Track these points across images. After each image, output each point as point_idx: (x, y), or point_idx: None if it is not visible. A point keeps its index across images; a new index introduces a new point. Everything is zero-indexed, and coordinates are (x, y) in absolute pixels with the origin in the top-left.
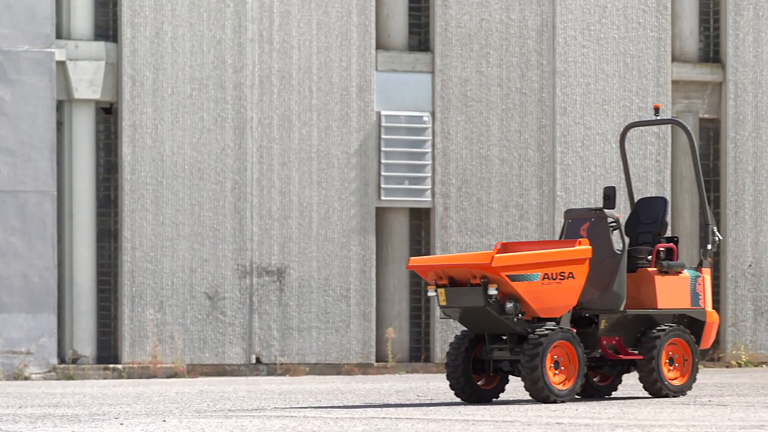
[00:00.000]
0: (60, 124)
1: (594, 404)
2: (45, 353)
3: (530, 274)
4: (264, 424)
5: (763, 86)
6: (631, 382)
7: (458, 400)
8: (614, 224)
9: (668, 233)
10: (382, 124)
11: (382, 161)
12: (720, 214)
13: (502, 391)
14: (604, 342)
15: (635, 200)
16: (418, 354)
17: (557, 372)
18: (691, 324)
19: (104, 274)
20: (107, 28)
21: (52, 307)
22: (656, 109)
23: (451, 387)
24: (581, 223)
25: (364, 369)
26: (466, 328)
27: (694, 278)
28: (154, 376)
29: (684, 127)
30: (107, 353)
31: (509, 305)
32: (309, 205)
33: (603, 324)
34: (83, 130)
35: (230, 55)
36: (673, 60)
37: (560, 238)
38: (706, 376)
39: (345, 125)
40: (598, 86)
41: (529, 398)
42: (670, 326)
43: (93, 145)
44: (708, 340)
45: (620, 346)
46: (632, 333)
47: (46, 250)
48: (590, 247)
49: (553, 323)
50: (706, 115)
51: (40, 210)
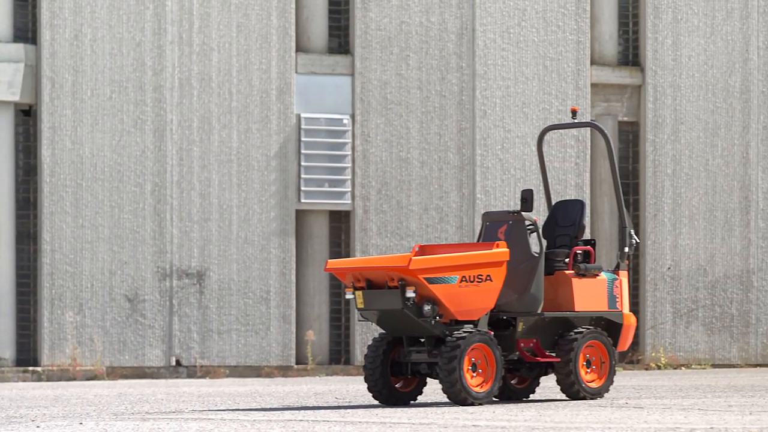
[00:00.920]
0: None
1: (511, 406)
2: None
3: (448, 276)
4: (181, 427)
5: (681, 89)
6: (548, 385)
7: (376, 402)
8: (532, 227)
9: (586, 236)
10: (302, 126)
11: (302, 164)
12: (639, 217)
13: (420, 393)
14: (522, 344)
15: (552, 203)
16: (338, 356)
17: (475, 374)
18: (609, 326)
19: (24, 276)
20: (26, 30)
21: None
22: (573, 112)
23: (369, 389)
24: (499, 225)
25: (284, 371)
26: (384, 331)
27: (612, 281)
28: (74, 379)
29: (601, 131)
30: (26, 355)
31: (427, 308)
32: (229, 208)
33: (520, 326)
34: (2, 132)
35: (150, 58)
36: (593, 63)
37: (478, 240)
38: (624, 378)
39: (265, 128)
40: (518, 89)
41: (447, 401)
42: (588, 329)
43: (12, 147)
44: (625, 343)
45: (538, 348)
46: (550, 335)
47: None
48: (508, 249)
49: (471, 326)
50: (625, 118)
51: None
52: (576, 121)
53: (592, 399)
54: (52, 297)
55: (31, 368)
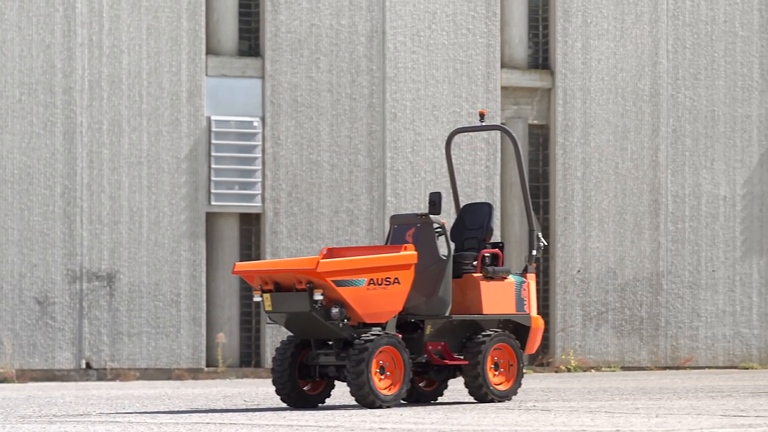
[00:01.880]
0: None
1: (419, 409)
2: None
3: (355, 279)
4: (87, 430)
5: (591, 93)
6: (457, 387)
7: (284, 405)
8: (440, 230)
9: (495, 239)
10: (213, 129)
11: (213, 166)
12: (549, 220)
13: (328, 396)
14: (430, 347)
15: (461, 206)
16: (249, 359)
17: (383, 377)
18: (517, 329)
19: None
20: None
21: None
22: (481, 115)
23: (277, 392)
24: (407, 228)
25: (194, 374)
26: (292, 334)
27: (519, 284)
28: None
29: (509, 134)
30: None
31: (335, 310)
32: (139, 210)
33: (429, 329)
34: None
35: (60, 60)
36: (503, 66)
37: (386, 243)
38: (534, 381)
39: (175, 130)
40: (428, 92)
41: (355, 403)
42: (496, 331)
43: None
44: (533, 346)
45: (446, 351)
46: (458, 338)
47: None
48: (416, 252)
49: (379, 329)
50: (535, 121)
51: None
52: (484, 124)
53: (500, 402)
54: None
55: None
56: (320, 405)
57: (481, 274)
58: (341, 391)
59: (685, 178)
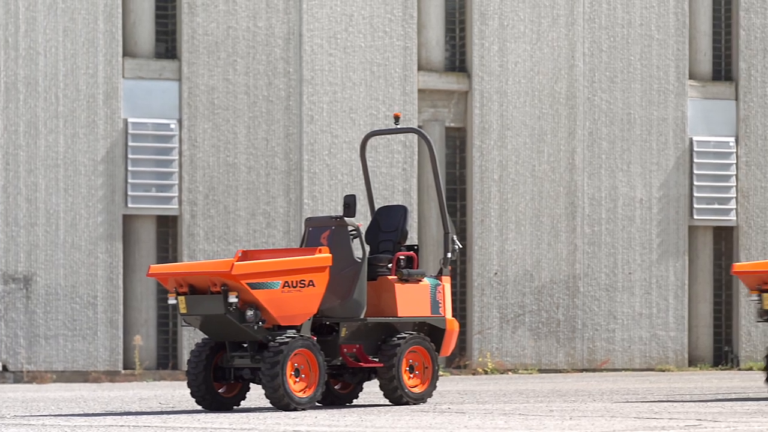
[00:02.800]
0: None
1: (334, 412)
2: None
3: (270, 282)
4: None
5: (508, 95)
6: (372, 390)
7: (200, 407)
8: (354, 232)
9: (411, 241)
10: (129, 131)
11: (129, 168)
12: (466, 223)
13: (244, 398)
14: (345, 350)
15: (376, 208)
16: (166, 361)
17: (298, 380)
18: (432, 332)
19: None
20: None
21: None
22: (396, 118)
23: (193, 395)
24: (322, 231)
25: (111, 376)
26: (207, 336)
27: (434, 286)
28: None
29: (424, 136)
30: None
31: (249, 313)
32: (56, 213)
33: (344, 332)
34: None
35: None
36: (420, 69)
37: (301, 246)
38: (451, 383)
39: (92, 132)
40: (345, 94)
41: (270, 406)
42: (411, 334)
43: None
44: (448, 348)
45: (361, 353)
46: (373, 341)
47: None
48: (330, 255)
49: (294, 331)
50: (452, 124)
51: None
52: (399, 126)
53: (415, 404)
54: None
55: None
56: (235, 407)
57: (395, 277)
58: (256, 394)
59: (602, 180)
